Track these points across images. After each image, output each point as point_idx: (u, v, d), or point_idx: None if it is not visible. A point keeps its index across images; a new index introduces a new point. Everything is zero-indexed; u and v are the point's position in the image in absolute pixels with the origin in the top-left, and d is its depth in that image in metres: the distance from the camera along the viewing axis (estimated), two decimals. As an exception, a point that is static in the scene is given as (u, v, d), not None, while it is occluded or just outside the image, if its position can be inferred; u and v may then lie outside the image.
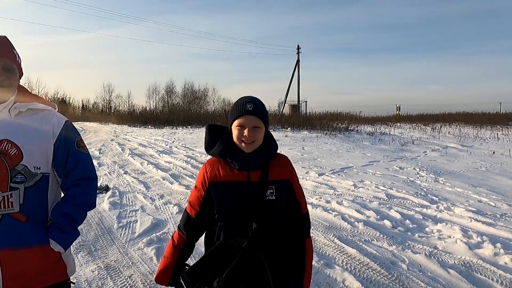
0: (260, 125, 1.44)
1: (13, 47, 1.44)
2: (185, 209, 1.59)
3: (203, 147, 1.59)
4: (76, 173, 1.50)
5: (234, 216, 1.45)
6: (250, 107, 1.43)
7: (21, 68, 1.48)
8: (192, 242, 1.57)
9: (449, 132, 14.96)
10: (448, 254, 3.38)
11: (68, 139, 1.49)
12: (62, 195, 1.55)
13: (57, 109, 1.57)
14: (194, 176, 6.79)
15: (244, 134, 1.43)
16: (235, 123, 1.45)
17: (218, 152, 1.49)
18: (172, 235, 1.58)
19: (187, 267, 1.45)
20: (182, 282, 1.38)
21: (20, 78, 1.50)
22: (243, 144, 1.44)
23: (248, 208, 1.43)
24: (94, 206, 1.60)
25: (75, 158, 1.50)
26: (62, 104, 21.90)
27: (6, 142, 1.34)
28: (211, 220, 1.53)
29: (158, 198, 5.22)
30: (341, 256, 3.33)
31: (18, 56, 1.46)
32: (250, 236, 1.40)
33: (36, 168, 1.38)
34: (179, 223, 1.61)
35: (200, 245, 1.63)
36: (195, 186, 1.57)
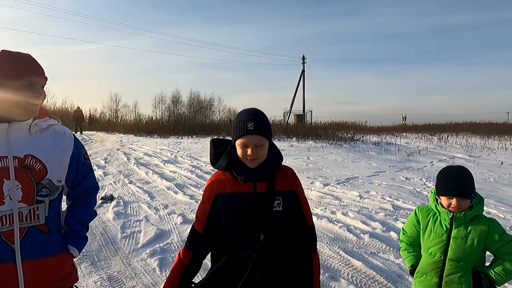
0: (263, 142, 1.45)
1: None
2: (192, 225, 1.57)
3: (209, 156, 1.60)
4: (84, 184, 1.58)
5: (241, 227, 1.44)
6: (251, 126, 1.43)
7: None
8: (199, 259, 1.54)
9: (456, 142, 14.82)
10: (456, 268, 3.31)
11: (78, 152, 1.56)
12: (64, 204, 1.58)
13: (61, 122, 1.60)
14: (199, 185, 6.77)
15: (248, 153, 1.43)
16: (238, 141, 1.46)
17: (224, 165, 1.48)
18: (179, 252, 1.56)
19: (193, 285, 1.41)
20: None
21: None
22: (247, 161, 1.46)
23: (255, 219, 1.42)
24: (97, 214, 1.72)
25: (83, 170, 1.58)
26: (79, 113, 21.87)
27: (30, 157, 1.38)
28: (217, 235, 1.51)
29: (162, 208, 5.21)
30: (346, 268, 3.28)
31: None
32: (258, 248, 1.37)
33: (58, 181, 1.45)
34: (186, 239, 1.59)
35: (209, 260, 1.61)
36: (202, 201, 1.56)
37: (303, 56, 32.21)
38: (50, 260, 1.42)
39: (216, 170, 1.56)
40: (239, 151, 1.47)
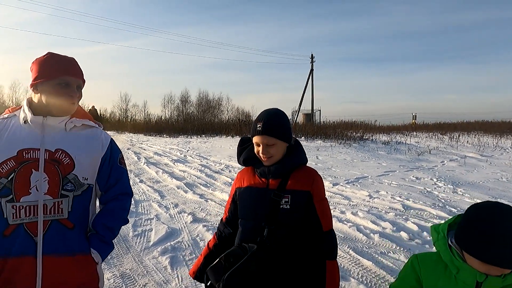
0: (273, 142, 1.50)
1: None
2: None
3: (218, 156, 1.67)
4: (117, 188, 1.58)
5: (250, 220, 1.52)
6: (259, 127, 1.50)
7: None
8: (224, 246, 1.62)
9: (467, 142, 14.61)
10: (468, 268, 3.28)
11: (112, 156, 1.58)
12: (98, 208, 1.61)
13: (102, 127, 1.66)
14: (209, 185, 6.83)
15: (260, 151, 1.52)
16: (253, 140, 1.56)
17: (241, 160, 1.61)
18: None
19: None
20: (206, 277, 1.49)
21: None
22: (262, 158, 1.53)
23: (262, 214, 1.48)
24: (128, 221, 1.66)
25: (117, 174, 1.58)
26: (94, 112, 21.24)
27: (61, 151, 1.43)
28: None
29: (173, 207, 5.27)
30: (356, 268, 3.28)
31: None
32: (259, 241, 1.44)
33: (84, 178, 1.47)
34: None
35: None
36: (230, 194, 1.71)
37: (312, 55, 32.09)
38: (70, 260, 1.41)
39: (230, 169, 1.66)
40: (255, 149, 1.56)
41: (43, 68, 1.44)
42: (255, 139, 1.53)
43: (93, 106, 21.74)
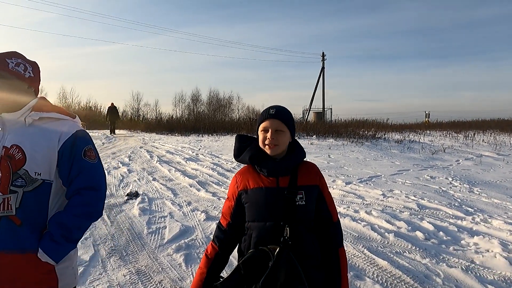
0: (283, 128, 1.50)
1: (8, 57, 1.47)
2: (218, 221, 1.61)
3: (230, 155, 1.64)
4: (78, 182, 1.47)
5: (265, 222, 1.47)
6: (273, 111, 1.52)
7: (24, 76, 1.50)
8: (225, 254, 1.57)
9: (483, 140, 14.30)
10: (486, 269, 3.21)
11: (74, 148, 1.48)
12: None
13: (77, 120, 1.61)
14: (221, 183, 6.85)
15: (267, 137, 1.49)
16: (260, 127, 1.53)
17: (247, 158, 1.54)
18: (206, 247, 1.61)
19: (221, 279, 1.44)
20: None
21: (32, 87, 1.54)
22: (266, 147, 1.50)
23: (278, 214, 1.44)
24: (96, 218, 1.54)
25: (79, 167, 1.48)
26: (113, 110, 20.10)
27: (15, 147, 1.43)
28: (242, 230, 1.55)
29: (186, 205, 5.31)
30: (371, 268, 3.25)
31: (17, 65, 1.48)
32: (282, 242, 1.39)
33: (36, 174, 1.41)
34: (212, 235, 1.63)
35: (234, 258, 1.64)
36: (227, 197, 1.61)
37: (323, 53, 31.86)
38: (20, 257, 1.39)
39: (241, 167, 1.61)
40: (260, 138, 1.53)
41: None
42: (265, 124, 1.51)
43: (112, 103, 20.78)
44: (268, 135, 1.48)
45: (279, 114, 1.51)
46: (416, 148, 11.94)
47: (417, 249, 3.65)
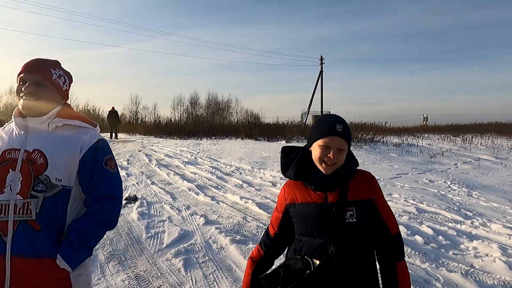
0: (345, 147, 1.40)
1: (52, 67, 1.54)
2: (267, 227, 1.61)
3: (228, 158, 1.62)
4: (98, 191, 1.50)
5: (314, 238, 1.41)
6: (340, 128, 1.38)
7: (62, 89, 1.57)
8: (270, 259, 1.57)
9: (481, 144, 14.34)
10: (486, 274, 3.21)
11: (96, 157, 1.52)
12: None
13: (98, 129, 1.64)
14: (219, 187, 6.84)
15: (328, 155, 1.37)
16: (319, 142, 1.40)
17: (293, 174, 1.46)
18: (252, 250, 1.62)
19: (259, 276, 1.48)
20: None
21: (64, 99, 1.60)
22: (323, 165, 1.39)
23: (326, 231, 1.37)
24: (112, 227, 1.56)
25: (100, 176, 1.51)
26: (114, 114, 19.68)
27: (37, 151, 1.44)
28: (290, 239, 1.53)
29: (185, 209, 5.29)
30: (371, 272, 3.24)
31: (59, 77, 1.55)
32: (325, 258, 1.34)
33: (57, 180, 1.43)
34: (260, 238, 1.64)
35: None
36: (276, 207, 1.58)
37: (321, 57, 32.00)
38: (37, 263, 1.38)
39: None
40: (317, 152, 1.40)
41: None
42: (328, 141, 1.37)
43: (113, 107, 20.42)
44: (331, 154, 1.36)
45: (346, 132, 1.39)
46: (414, 151, 11.97)
47: (417, 253, 3.64)
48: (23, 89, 1.45)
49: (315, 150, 1.42)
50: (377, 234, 1.42)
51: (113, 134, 19.13)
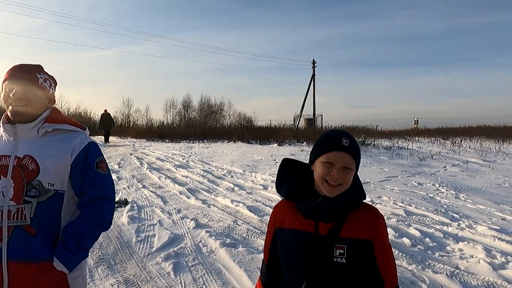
0: (352, 166, 1.19)
1: (37, 72, 1.54)
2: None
3: (220, 161, 1.59)
4: (91, 193, 1.52)
5: (293, 274, 1.22)
6: (346, 142, 1.18)
7: (49, 92, 1.58)
8: (275, 283, 1.37)
9: (469, 147, 14.59)
10: (470, 275, 3.28)
11: (87, 160, 1.54)
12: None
13: (88, 132, 1.65)
14: (211, 190, 6.85)
15: (331, 174, 1.16)
16: (322, 158, 1.19)
17: (285, 192, 1.27)
18: (256, 284, 1.48)
19: None
20: None
21: (51, 103, 1.61)
22: (326, 185, 1.18)
23: (310, 267, 1.17)
24: (107, 228, 1.58)
25: (92, 178, 1.52)
26: (107, 117, 19.18)
27: (28, 157, 1.45)
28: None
29: (175, 213, 5.29)
30: (359, 274, 3.28)
31: (45, 81, 1.56)
32: None
33: (50, 184, 1.45)
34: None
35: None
36: (267, 230, 1.40)
37: (313, 60, 32.21)
38: (33, 267, 1.40)
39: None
40: (318, 171, 1.20)
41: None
42: (332, 156, 1.17)
43: (105, 110, 19.94)
44: (334, 172, 1.16)
45: (353, 147, 1.19)
46: (404, 154, 12.12)
47: (404, 255, 3.70)
48: (11, 95, 1.46)
49: (317, 168, 1.21)
50: (368, 286, 1.20)
51: (105, 138, 18.80)
